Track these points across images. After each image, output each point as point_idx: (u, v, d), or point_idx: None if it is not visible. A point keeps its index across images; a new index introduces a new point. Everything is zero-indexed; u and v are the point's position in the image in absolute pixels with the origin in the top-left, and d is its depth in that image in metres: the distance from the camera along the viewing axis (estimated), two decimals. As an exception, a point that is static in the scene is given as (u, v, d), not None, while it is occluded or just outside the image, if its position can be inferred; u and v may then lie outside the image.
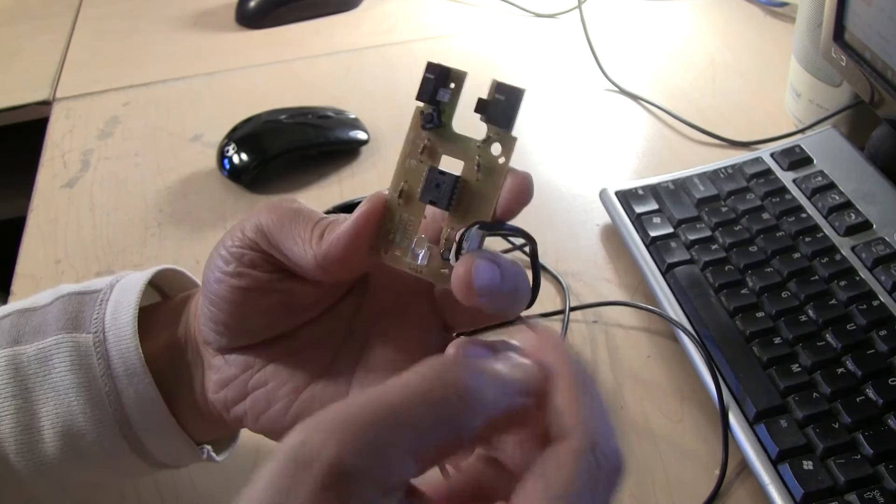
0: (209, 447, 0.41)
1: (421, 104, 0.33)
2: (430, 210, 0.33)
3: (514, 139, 0.31)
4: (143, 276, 0.41)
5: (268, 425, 0.37)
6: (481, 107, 0.31)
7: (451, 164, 0.33)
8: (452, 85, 0.33)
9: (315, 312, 0.37)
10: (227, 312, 0.36)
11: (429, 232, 0.33)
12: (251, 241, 0.35)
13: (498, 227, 0.32)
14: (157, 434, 0.39)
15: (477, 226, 0.31)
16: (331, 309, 0.38)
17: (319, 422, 0.23)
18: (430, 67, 0.33)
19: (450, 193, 0.31)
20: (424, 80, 0.33)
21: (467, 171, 0.32)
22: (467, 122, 0.33)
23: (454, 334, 0.37)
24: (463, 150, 0.32)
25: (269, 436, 0.37)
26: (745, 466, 0.47)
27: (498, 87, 0.31)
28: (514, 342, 0.29)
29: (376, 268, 0.35)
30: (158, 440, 0.39)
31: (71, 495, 0.42)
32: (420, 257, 0.32)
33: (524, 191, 0.32)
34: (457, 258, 0.31)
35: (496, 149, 0.31)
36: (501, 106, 0.31)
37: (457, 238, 0.31)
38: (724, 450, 0.48)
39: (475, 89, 0.33)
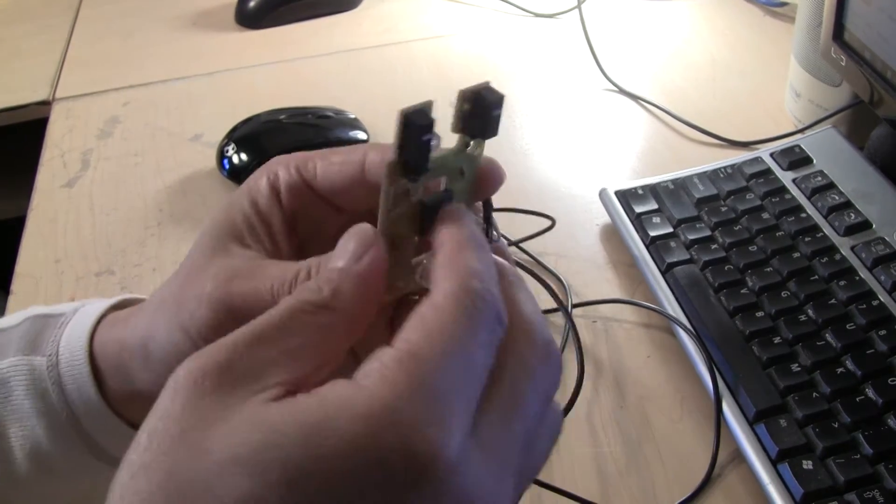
0: None
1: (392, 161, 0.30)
2: None
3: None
4: (108, 301, 0.40)
5: None
6: (463, 123, 0.31)
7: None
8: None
9: None
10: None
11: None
12: (212, 321, 0.32)
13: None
14: (124, 443, 0.38)
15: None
16: None
17: (199, 351, 0.25)
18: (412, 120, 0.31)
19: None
20: (412, 142, 0.30)
21: (451, 182, 0.31)
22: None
23: None
24: (442, 167, 0.31)
25: None
26: (737, 456, 0.47)
27: (474, 99, 0.30)
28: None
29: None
30: (125, 449, 0.39)
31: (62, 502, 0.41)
32: (419, 275, 0.31)
33: (497, 176, 0.33)
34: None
35: (474, 148, 0.31)
36: (481, 118, 0.30)
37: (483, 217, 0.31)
38: (716, 442, 0.48)
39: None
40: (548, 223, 0.64)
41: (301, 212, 0.35)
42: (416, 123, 0.30)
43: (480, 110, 0.29)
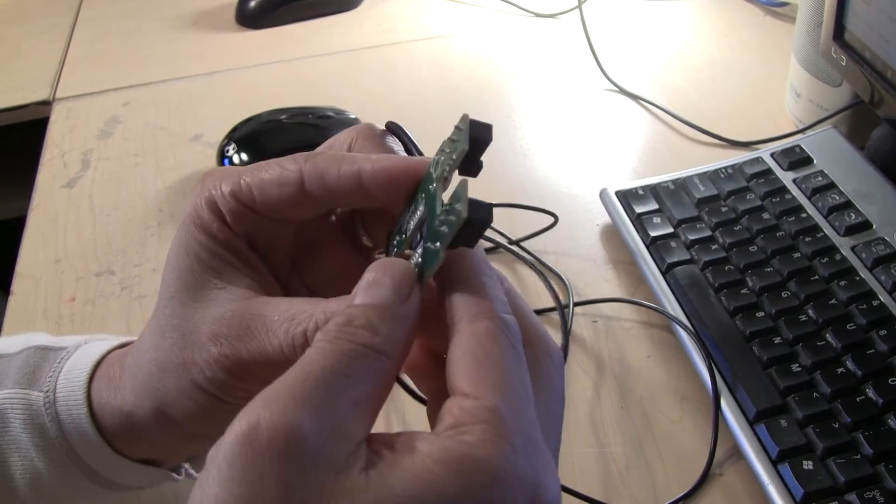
0: (187, 465, 0.41)
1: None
2: None
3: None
4: (110, 342, 0.40)
5: None
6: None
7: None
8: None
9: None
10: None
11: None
12: (228, 378, 0.32)
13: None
14: (130, 475, 0.39)
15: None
16: None
17: (265, 400, 0.24)
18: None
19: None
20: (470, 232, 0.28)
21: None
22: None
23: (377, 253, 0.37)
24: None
25: None
26: (737, 454, 0.47)
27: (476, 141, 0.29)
28: None
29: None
30: (133, 479, 0.39)
31: None
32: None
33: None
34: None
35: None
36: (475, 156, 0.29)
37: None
38: (714, 438, 0.48)
39: (472, 89, 0.33)
40: (550, 220, 0.64)
41: (255, 234, 0.34)
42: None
43: (477, 151, 0.29)
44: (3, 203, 1.06)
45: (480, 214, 0.27)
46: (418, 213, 0.30)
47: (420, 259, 0.29)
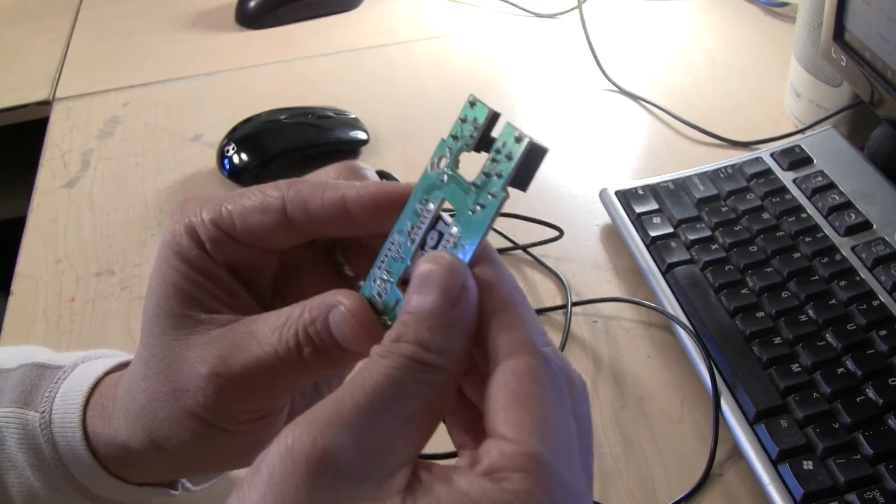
0: (184, 479, 0.41)
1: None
2: None
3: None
4: (106, 362, 0.39)
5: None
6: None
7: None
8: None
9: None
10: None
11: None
12: (220, 399, 0.31)
13: None
14: (126, 494, 0.38)
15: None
16: None
17: (312, 416, 0.24)
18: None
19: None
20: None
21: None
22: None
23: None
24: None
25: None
26: (741, 460, 0.47)
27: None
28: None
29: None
30: (129, 497, 0.39)
31: None
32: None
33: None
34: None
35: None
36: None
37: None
38: (714, 440, 0.48)
39: (472, 89, 0.32)
40: (555, 233, 0.64)
41: (235, 261, 0.33)
42: (540, 152, 0.28)
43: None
44: (3, 203, 1.06)
45: (540, 142, 0.27)
46: (420, 221, 0.29)
47: (457, 236, 0.28)
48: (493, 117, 0.29)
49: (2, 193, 1.07)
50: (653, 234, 0.60)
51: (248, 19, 1.00)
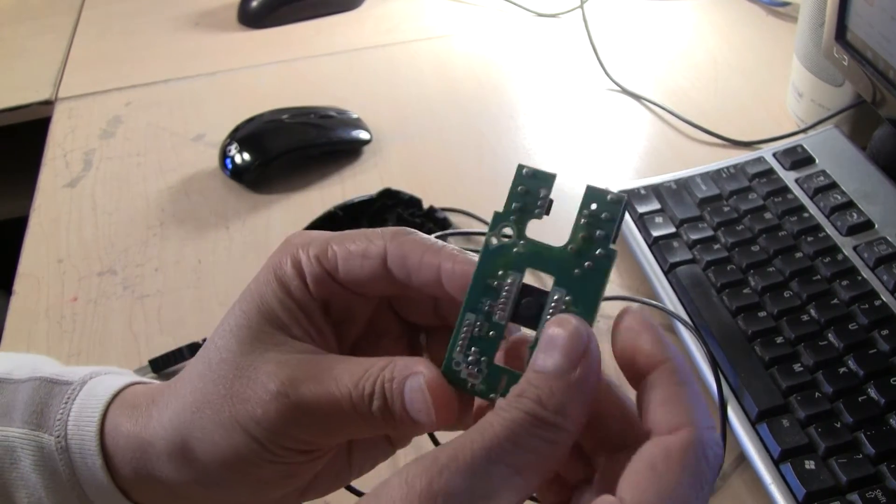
0: None
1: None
2: None
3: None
4: (117, 381, 0.39)
5: None
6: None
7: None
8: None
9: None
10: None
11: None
12: (281, 422, 0.31)
13: None
14: None
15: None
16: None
17: (432, 460, 0.25)
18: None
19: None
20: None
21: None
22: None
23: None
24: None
25: None
26: (743, 460, 0.47)
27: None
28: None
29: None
30: None
31: None
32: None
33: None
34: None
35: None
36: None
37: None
38: (722, 442, 0.48)
39: (474, 88, 0.33)
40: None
41: (330, 301, 0.34)
42: (627, 205, 0.30)
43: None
44: (5, 202, 1.06)
45: (622, 196, 0.29)
46: (503, 295, 0.30)
47: (567, 301, 0.29)
48: (546, 178, 0.31)
49: (4, 193, 1.07)
50: (655, 233, 0.60)
51: (251, 19, 1.00)
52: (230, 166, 0.73)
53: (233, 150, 0.74)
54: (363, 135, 0.76)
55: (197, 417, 0.33)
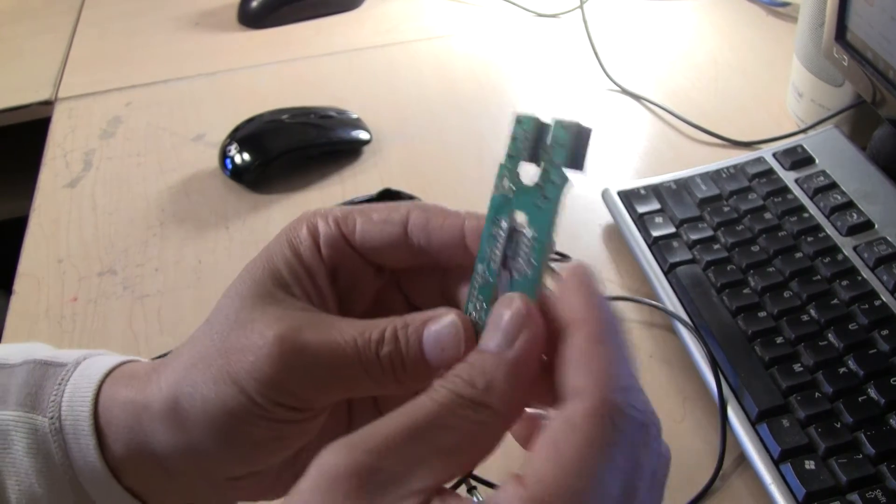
0: None
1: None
2: None
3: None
4: (110, 360, 0.38)
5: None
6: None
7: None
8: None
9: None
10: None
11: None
12: (275, 372, 0.30)
13: None
14: None
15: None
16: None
17: (344, 441, 0.24)
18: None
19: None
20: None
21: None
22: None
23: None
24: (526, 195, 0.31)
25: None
26: (743, 460, 0.47)
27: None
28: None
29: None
30: None
31: None
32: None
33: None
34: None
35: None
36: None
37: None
38: (722, 442, 0.48)
39: (474, 89, 0.33)
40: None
41: (340, 267, 0.33)
42: (586, 133, 0.29)
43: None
44: (5, 203, 1.07)
45: (584, 126, 0.28)
46: (497, 241, 0.30)
47: (532, 237, 0.29)
48: (541, 126, 0.30)
49: (4, 193, 1.07)
50: (655, 233, 0.60)
51: (251, 19, 1.00)
52: (230, 166, 0.73)
53: (233, 150, 0.74)
54: (363, 135, 0.76)
55: (189, 373, 0.32)
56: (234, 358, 0.31)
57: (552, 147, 0.29)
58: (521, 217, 0.30)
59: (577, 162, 0.29)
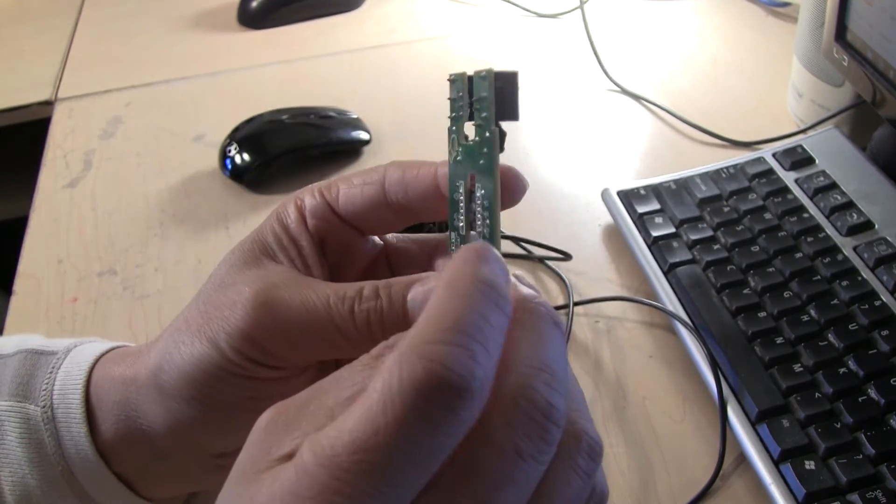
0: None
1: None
2: None
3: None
4: (100, 346, 0.39)
5: None
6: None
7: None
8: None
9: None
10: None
11: None
12: (248, 327, 0.31)
13: None
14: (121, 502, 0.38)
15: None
16: None
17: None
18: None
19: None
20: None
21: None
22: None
23: None
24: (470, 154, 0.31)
25: None
26: (743, 461, 0.47)
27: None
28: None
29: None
30: None
31: None
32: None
33: (520, 186, 0.32)
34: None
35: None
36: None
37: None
38: (722, 442, 0.48)
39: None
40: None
41: (328, 237, 0.34)
42: (509, 77, 0.30)
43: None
44: (5, 203, 1.07)
45: (506, 70, 0.29)
46: (459, 206, 0.31)
47: (482, 196, 0.29)
48: (470, 80, 0.30)
49: (4, 193, 1.07)
50: (655, 234, 0.60)
51: (251, 19, 1.00)
52: (230, 167, 0.73)
53: (233, 150, 0.74)
54: (363, 135, 0.76)
55: (173, 336, 0.33)
56: (212, 314, 0.32)
57: (480, 102, 0.29)
58: (474, 178, 0.30)
59: (507, 111, 0.29)
